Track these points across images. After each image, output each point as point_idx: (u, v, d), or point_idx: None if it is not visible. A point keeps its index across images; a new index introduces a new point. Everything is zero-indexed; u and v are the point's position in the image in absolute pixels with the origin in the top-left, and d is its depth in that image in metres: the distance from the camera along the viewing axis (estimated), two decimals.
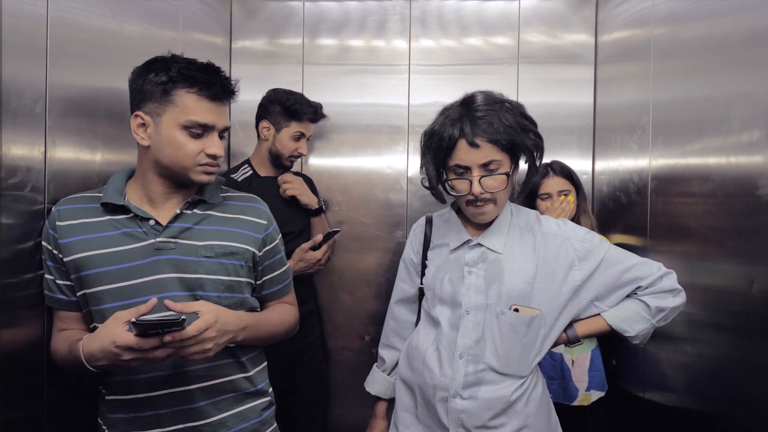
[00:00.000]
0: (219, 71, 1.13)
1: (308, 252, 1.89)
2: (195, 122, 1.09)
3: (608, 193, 2.13)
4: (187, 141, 1.09)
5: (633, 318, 1.23)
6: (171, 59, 1.11)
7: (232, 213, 1.21)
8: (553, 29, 2.31)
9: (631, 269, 1.23)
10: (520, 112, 1.19)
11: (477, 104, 1.18)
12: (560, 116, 2.29)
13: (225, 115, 1.14)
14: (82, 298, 1.12)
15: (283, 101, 1.96)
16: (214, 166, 1.14)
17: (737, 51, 1.26)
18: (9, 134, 1.04)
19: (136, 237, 1.11)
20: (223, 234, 1.17)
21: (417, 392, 1.29)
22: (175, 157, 1.10)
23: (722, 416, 1.32)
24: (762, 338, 1.16)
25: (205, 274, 1.12)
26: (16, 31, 1.06)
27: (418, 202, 2.36)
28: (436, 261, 1.32)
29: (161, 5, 1.72)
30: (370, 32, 2.36)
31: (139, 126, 1.11)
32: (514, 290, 1.21)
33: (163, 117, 1.09)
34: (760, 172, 1.16)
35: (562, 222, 1.30)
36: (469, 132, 1.15)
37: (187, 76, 1.08)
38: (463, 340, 1.22)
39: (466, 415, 1.20)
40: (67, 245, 1.10)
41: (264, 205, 1.28)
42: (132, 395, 1.12)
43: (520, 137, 1.16)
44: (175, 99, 1.08)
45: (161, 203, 1.16)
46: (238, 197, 1.27)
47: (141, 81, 1.10)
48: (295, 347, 1.97)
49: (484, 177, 1.17)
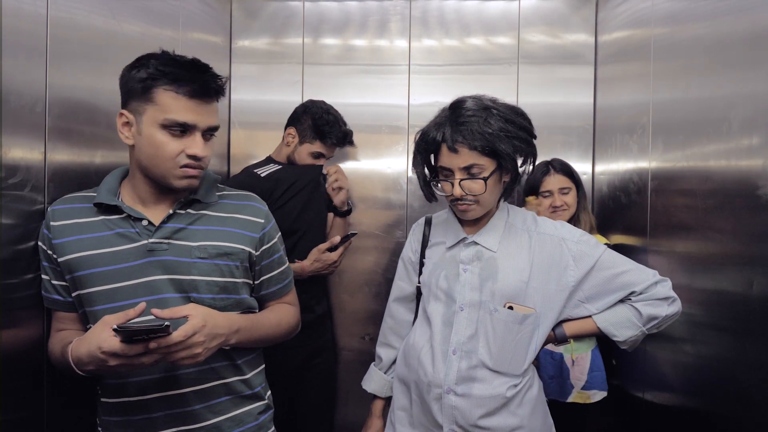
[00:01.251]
0: (205, 68, 1.09)
1: (325, 253, 1.86)
2: (174, 121, 1.04)
3: (608, 193, 2.13)
4: (167, 140, 1.05)
5: (623, 323, 1.24)
6: (154, 55, 1.07)
7: (227, 212, 1.18)
8: (553, 29, 2.31)
9: (624, 274, 1.24)
10: (506, 117, 1.19)
11: (463, 109, 1.20)
12: (560, 116, 2.29)
13: (209, 113, 1.09)
14: (77, 299, 1.11)
15: (316, 118, 1.94)
16: (196, 168, 1.09)
17: (737, 51, 1.26)
18: (9, 134, 1.04)
19: (129, 238, 1.10)
20: (217, 234, 1.14)
21: (413, 390, 1.30)
22: (155, 158, 1.06)
23: (722, 416, 1.32)
24: (762, 338, 1.16)
25: (198, 276, 1.10)
26: (16, 31, 1.06)
27: (418, 202, 2.36)
28: (433, 258, 1.34)
29: (161, 5, 1.72)
30: (371, 32, 2.36)
31: (123, 125, 1.08)
32: (507, 288, 1.22)
33: (144, 116, 1.05)
34: (760, 172, 1.16)
35: (559, 224, 1.31)
36: (449, 137, 1.19)
37: (165, 73, 1.04)
38: (457, 336, 1.23)
39: (459, 411, 1.21)
40: (60, 245, 1.09)
41: (262, 203, 1.25)
42: (125, 398, 1.11)
43: (501, 144, 1.16)
44: (155, 97, 1.04)
45: (153, 203, 1.14)
46: (233, 195, 1.24)
47: (126, 78, 1.08)
48: (306, 350, 1.95)
49: (465, 180, 1.19)
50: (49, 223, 1.10)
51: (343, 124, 2.02)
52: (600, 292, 1.25)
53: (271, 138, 2.39)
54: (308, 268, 1.84)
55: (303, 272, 1.84)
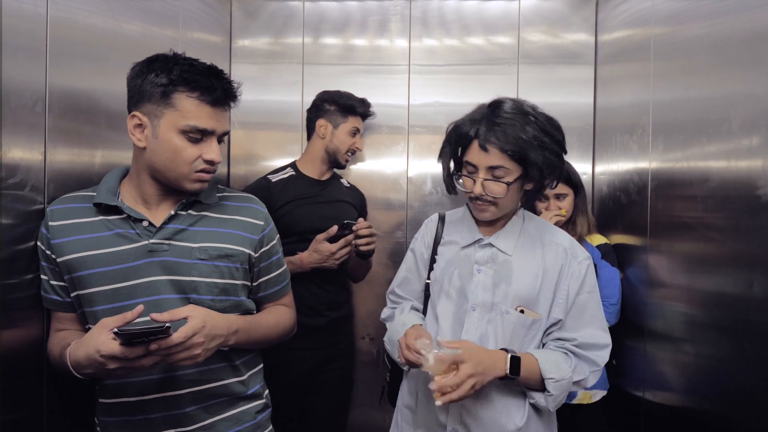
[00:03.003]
0: (221, 75, 1.11)
1: (323, 243, 1.80)
2: (194, 127, 1.06)
3: (608, 193, 2.13)
4: (186, 146, 1.07)
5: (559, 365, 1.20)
6: (172, 59, 1.08)
7: (227, 214, 1.19)
8: (553, 29, 2.31)
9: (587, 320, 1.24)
10: (543, 128, 1.18)
11: (502, 110, 1.19)
12: (560, 116, 2.22)
13: (225, 119, 1.12)
14: (76, 299, 1.11)
15: (337, 99, 2.01)
16: (210, 173, 1.12)
17: (737, 51, 1.26)
18: (9, 134, 1.04)
19: (129, 238, 1.09)
20: (218, 236, 1.15)
21: (419, 388, 1.30)
22: (172, 162, 1.07)
23: (722, 416, 1.32)
24: (762, 338, 1.16)
25: (199, 277, 1.11)
26: (16, 31, 1.06)
27: (418, 202, 2.36)
28: (446, 256, 1.34)
29: (161, 5, 1.72)
30: (371, 32, 2.36)
31: (135, 127, 1.08)
32: (521, 292, 1.23)
33: (162, 120, 1.06)
34: (760, 172, 1.16)
35: (571, 239, 1.31)
36: (482, 135, 1.18)
37: (188, 80, 1.05)
38: (468, 335, 1.23)
39: (466, 411, 1.22)
40: (59, 245, 1.09)
41: (261, 205, 1.26)
42: (123, 398, 1.11)
43: (532, 152, 1.15)
44: (175, 102, 1.05)
45: (155, 204, 1.13)
46: (234, 197, 1.24)
47: (140, 80, 1.07)
48: (318, 354, 1.92)
49: (488, 180, 1.19)
50: (48, 223, 1.10)
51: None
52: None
53: (271, 138, 2.39)
54: (307, 260, 1.81)
55: (303, 264, 1.82)
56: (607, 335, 1.26)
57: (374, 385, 2.22)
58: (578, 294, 1.24)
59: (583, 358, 1.22)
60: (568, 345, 1.23)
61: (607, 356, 1.25)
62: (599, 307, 1.27)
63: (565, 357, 1.21)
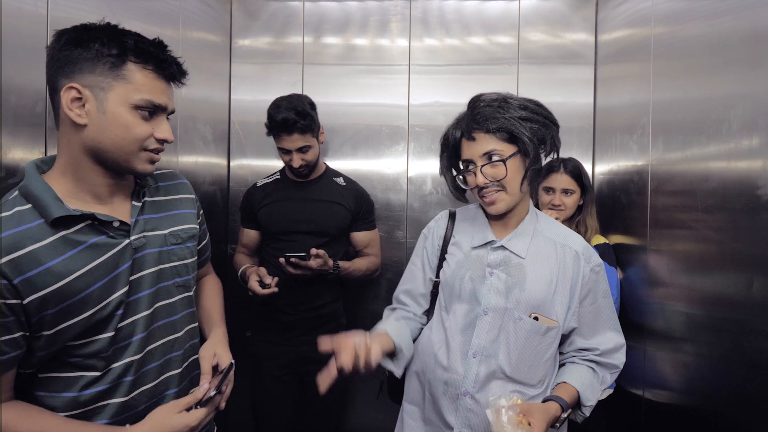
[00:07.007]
0: (167, 49, 1.01)
1: (253, 283, 1.77)
2: (150, 101, 0.96)
3: (608, 193, 2.13)
4: (137, 122, 0.96)
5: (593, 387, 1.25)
6: (115, 28, 0.97)
7: (169, 194, 1.16)
8: (553, 29, 2.31)
9: (600, 326, 1.28)
10: (522, 105, 1.20)
11: (480, 101, 1.23)
12: (560, 116, 2.23)
13: (172, 96, 1.03)
14: (53, 337, 0.93)
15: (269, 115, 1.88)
16: (160, 153, 1.03)
17: (737, 51, 1.26)
18: (9, 134, 1.05)
19: (105, 246, 0.97)
20: (177, 218, 1.14)
21: (426, 388, 1.29)
22: (123, 140, 0.95)
23: (722, 416, 1.32)
24: (762, 338, 1.16)
25: (179, 261, 1.11)
26: (16, 31, 1.06)
27: (418, 202, 2.36)
28: (456, 256, 1.31)
29: (161, 5, 1.72)
30: (371, 32, 2.36)
31: (73, 100, 0.92)
32: (534, 298, 1.22)
33: (110, 93, 0.93)
34: (760, 172, 1.16)
35: (585, 243, 1.31)
36: (466, 128, 1.22)
37: (143, 51, 0.95)
38: (478, 339, 1.22)
39: (474, 415, 1.21)
40: (25, 283, 0.88)
41: (182, 177, 1.23)
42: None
43: (518, 127, 1.17)
44: (127, 75, 0.94)
45: (108, 197, 1.01)
46: (159, 176, 1.17)
47: (78, 49, 0.92)
48: (306, 351, 1.91)
49: (485, 166, 1.19)
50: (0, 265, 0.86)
51: None
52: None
53: (271, 138, 2.39)
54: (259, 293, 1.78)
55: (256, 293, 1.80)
56: (621, 335, 1.31)
57: (372, 382, 2.23)
58: (594, 302, 1.25)
59: (605, 365, 1.28)
60: (591, 356, 1.26)
61: (624, 355, 1.29)
62: (612, 309, 1.30)
63: (593, 374, 1.26)
